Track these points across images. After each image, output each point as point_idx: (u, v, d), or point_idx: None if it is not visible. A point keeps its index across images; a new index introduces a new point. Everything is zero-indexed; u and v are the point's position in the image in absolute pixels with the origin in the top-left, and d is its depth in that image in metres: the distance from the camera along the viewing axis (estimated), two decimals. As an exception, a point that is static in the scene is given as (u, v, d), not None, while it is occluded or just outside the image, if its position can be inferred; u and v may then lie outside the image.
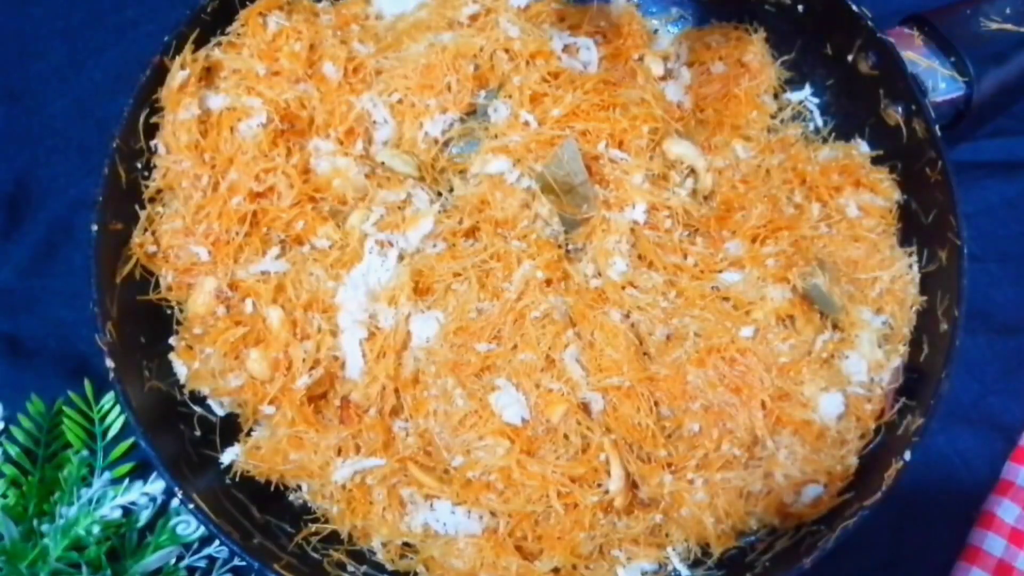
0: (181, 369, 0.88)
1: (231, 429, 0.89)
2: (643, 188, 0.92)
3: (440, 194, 0.94)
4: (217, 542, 0.92)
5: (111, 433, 0.95)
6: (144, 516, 0.92)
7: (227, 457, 0.86)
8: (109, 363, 0.81)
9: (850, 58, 0.95)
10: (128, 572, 0.88)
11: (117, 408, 0.95)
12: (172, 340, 0.89)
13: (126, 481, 0.93)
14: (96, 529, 0.88)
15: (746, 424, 0.83)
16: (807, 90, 1.00)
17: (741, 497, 0.83)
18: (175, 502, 0.93)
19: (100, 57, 1.13)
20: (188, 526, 0.92)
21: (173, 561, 0.91)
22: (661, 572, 0.85)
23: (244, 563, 0.92)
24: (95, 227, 0.84)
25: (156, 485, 0.91)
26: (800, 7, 0.97)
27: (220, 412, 0.89)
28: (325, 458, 0.84)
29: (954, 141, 0.96)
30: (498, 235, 0.90)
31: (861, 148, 0.95)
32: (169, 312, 0.90)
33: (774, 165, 0.94)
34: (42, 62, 1.13)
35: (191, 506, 0.78)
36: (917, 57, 0.93)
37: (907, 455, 0.79)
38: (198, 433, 0.87)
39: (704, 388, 0.83)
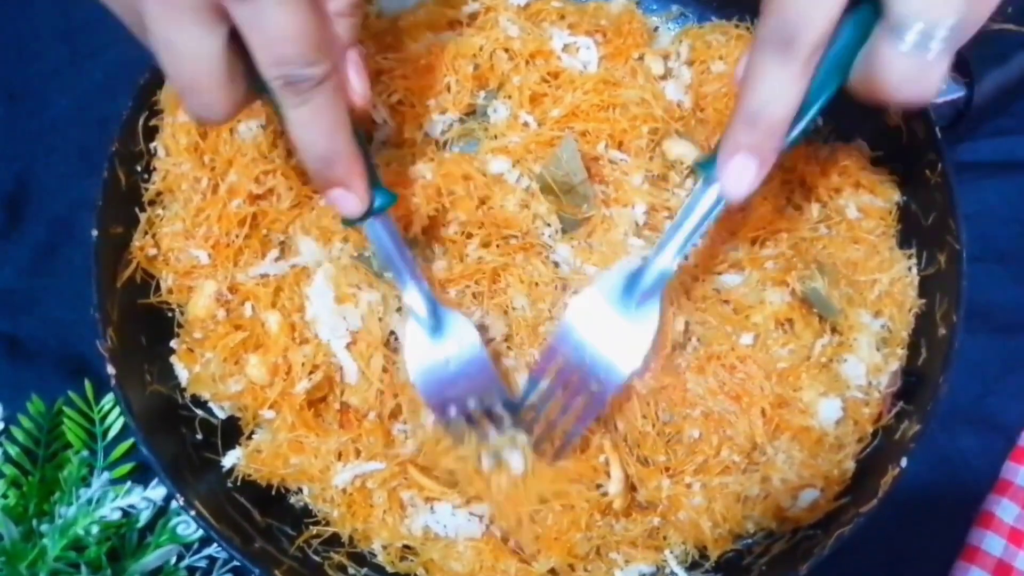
0: (182, 372, 0.88)
1: (233, 431, 0.89)
2: (643, 189, 0.92)
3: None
4: (217, 542, 0.93)
5: (111, 433, 0.95)
6: (144, 516, 0.93)
7: (228, 460, 0.87)
8: (110, 369, 0.81)
9: (851, 58, 0.94)
10: (128, 572, 0.89)
11: (117, 408, 0.95)
12: (173, 343, 0.89)
13: (128, 483, 0.93)
14: (95, 529, 0.88)
15: (746, 431, 0.83)
16: (808, 89, 1.00)
17: (738, 501, 0.83)
18: (175, 502, 0.93)
19: (100, 57, 1.12)
20: (188, 526, 0.92)
21: (173, 561, 0.92)
22: (659, 574, 0.86)
23: (244, 563, 0.93)
24: (95, 232, 0.84)
25: (158, 491, 0.92)
26: (801, 5, 0.96)
27: (221, 415, 0.90)
28: (325, 462, 0.85)
29: (954, 141, 0.96)
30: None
31: (861, 149, 0.94)
32: (170, 315, 0.91)
33: (773, 166, 0.94)
34: (42, 62, 1.12)
35: (192, 513, 0.78)
36: (918, 58, 0.92)
37: (904, 462, 0.79)
38: (199, 436, 0.88)
39: (704, 395, 0.84)
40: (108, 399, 0.96)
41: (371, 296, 0.86)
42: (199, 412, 0.89)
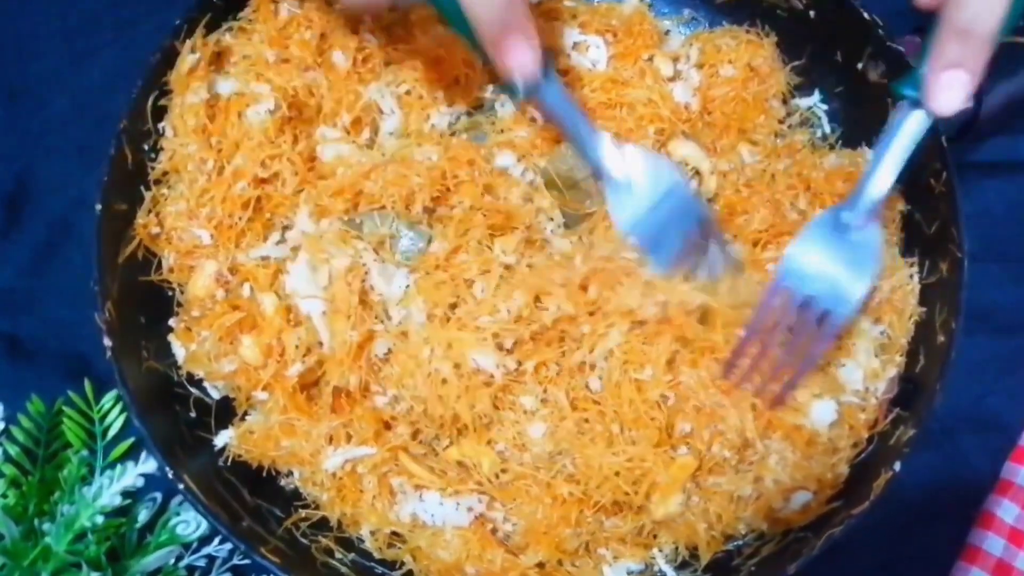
0: (179, 350, 0.88)
1: (227, 413, 0.89)
2: (646, 187, 0.92)
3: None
4: (216, 541, 0.93)
5: (111, 433, 0.95)
6: (144, 516, 0.93)
7: (221, 440, 0.86)
8: (107, 341, 0.81)
9: (860, 66, 0.94)
10: (128, 571, 0.89)
11: (117, 408, 0.95)
12: (172, 321, 0.90)
13: (118, 467, 0.93)
14: (100, 519, 0.88)
15: (737, 426, 0.82)
16: (816, 96, 1.00)
17: (731, 502, 0.83)
18: (175, 501, 0.94)
19: (99, 57, 1.12)
20: (188, 526, 0.92)
21: (173, 561, 0.92)
22: (647, 572, 0.85)
23: (244, 562, 0.93)
24: (99, 206, 0.84)
25: (149, 464, 0.92)
26: (812, 13, 0.96)
27: (216, 395, 0.90)
28: (316, 446, 0.84)
29: (960, 152, 0.95)
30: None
31: (867, 156, 0.94)
32: (170, 294, 0.91)
33: (779, 170, 0.94)
34: (41, 62, 1.12)
35: (180, 486, 0.78)
36: (927, 67, 0.92)
37: (897, 466, 0.78)
38: (193, 415, 0.88)
39: (696, 388, 0.83)
40: (108, 399, 0.96)
41: (342, 260, 0.85)
42: (194, 391, 0.89)
